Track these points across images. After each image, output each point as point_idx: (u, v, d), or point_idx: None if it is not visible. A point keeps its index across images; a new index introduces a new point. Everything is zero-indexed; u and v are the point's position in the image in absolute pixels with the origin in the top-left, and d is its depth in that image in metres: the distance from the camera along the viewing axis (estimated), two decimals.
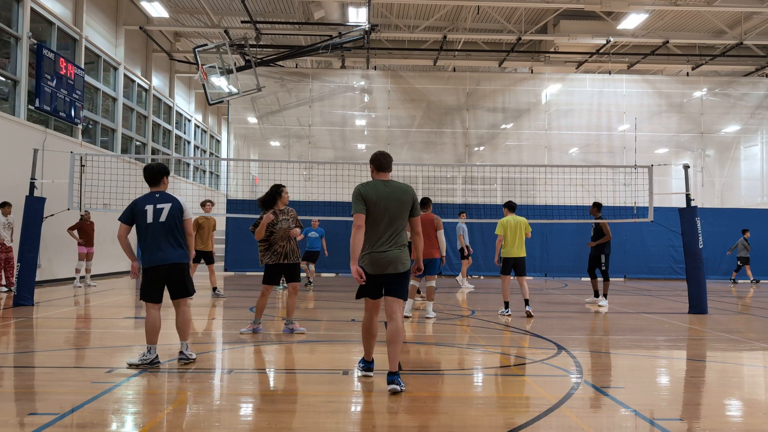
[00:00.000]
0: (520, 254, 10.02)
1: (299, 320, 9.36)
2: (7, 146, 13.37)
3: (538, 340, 7.60)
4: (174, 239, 5.74)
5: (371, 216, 5.00)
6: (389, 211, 5.01)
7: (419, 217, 5.21)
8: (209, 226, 12.15)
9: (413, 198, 5.14)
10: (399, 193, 5.09)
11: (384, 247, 4.99)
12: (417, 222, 5.20)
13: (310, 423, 4.07)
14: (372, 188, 5.07)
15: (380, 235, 5.00)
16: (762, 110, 22.75)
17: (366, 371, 5.33)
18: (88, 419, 4.09)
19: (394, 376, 4.93)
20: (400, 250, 5.03)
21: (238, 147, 22.66)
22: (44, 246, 13.30)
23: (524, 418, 4.25)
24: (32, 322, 8.69)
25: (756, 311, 11.55)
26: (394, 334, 4.99)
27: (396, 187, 5.13)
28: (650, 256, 21.07)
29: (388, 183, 5.16)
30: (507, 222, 10.09)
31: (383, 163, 5.25)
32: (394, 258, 4.98)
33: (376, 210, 4.99)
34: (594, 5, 17.85)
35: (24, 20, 14.16)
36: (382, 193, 5.03)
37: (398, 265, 5.01)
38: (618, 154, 22.06)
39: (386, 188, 5.09)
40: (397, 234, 5.04)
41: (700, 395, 5.20)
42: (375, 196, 5.01)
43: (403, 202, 5.07)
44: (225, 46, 17.81)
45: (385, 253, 4.98)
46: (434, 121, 22.81)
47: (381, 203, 5.00)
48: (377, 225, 5.00)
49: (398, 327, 5.01)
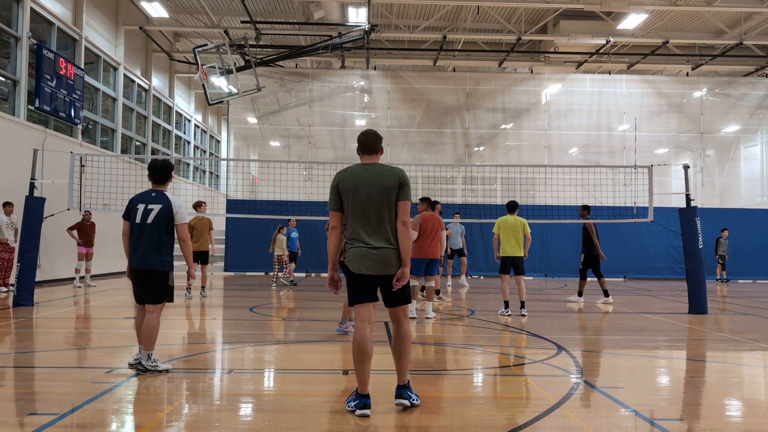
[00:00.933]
0: (517, 254, 10.03)
1: (299, 320, 9.36)
2: (7, 146, 13.37)
3: (538, 340, 7.60)
4: (158, 244, 5.40)
5: (352, 207, 4.30)
6: (372, 200, 4.26)
7: (406, 203, 4.32)
8: (203, 226, 12.21)
9: (400, 180, 4.32)
10: (381, 177, 4.31)
11: (373, 242, 4.26)
12: (401, 208, 4.30)
13: (310, 423, 4.07)
14: (350, 175, 4.36)
15: (366, 228, 4.28)
16: (762, 110, 22.76)
17: (362, 409, 4.21)
18: (88, 419, 4.09)
19: (403, 389, 4.33)
20: (393, 246, 4.30)
21: (238, 147, 22.66)
22: (44, 246, 13.29)
23: (524, 418, 4.25)
24: (32, 322, 8.69)
25: (756, 311, 11.55)
26: (401, 340, 4.37)
27: (379, 170, 4.35)
28: (650, 256, 21.07)
29: (370, 167, 4.38)
30: (504, 221, 10.11)
31: (367, 144, 4.48)
32: (386, 256, 4.26)
33: (357, 199, 4.28)
34: (594, 5, 17.86)
35: (24, 20, 14.16)
36: (361, 179, 4.30)
37: (394, 265, 4.29)
38: (618, 154, 22.06)
39: (367, 172, 4.34)
40: (387, 226, 4.29)
41: (700, 395, 5.20)
42: (353, 184, 4.30)
43: (386, 187, 4.28)
44: (225, 46, 17.81)
45: (375, 249, 4.25)
46: (434, 121, 22.81)
47: (361, 191, 4.27)
48: (361, 216, 4.29)
49: (405, 331, 4.38)
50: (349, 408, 4.29)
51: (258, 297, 12.85)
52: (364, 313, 4.31)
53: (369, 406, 4.23)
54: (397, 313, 4.41)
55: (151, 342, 5.40)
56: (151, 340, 5.39)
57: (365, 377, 4.25)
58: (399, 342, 4.38)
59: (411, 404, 4.31)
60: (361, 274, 4.29)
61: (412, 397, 4.35)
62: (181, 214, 5.53)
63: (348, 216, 4.35)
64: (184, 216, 5.56)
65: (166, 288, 5.53)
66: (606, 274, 21.84)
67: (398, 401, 4.30)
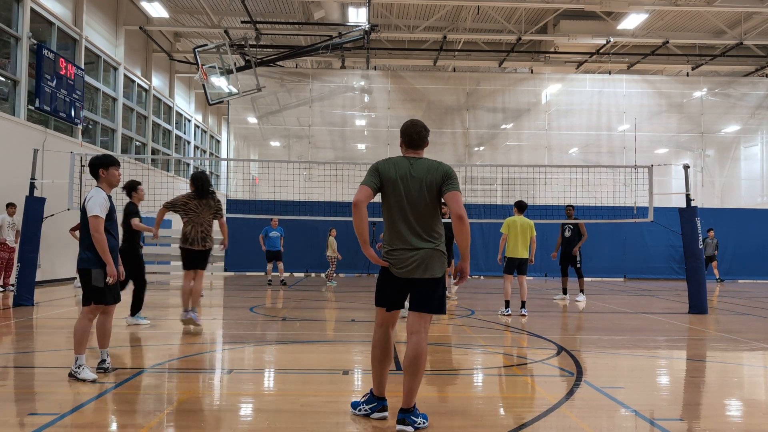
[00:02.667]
0: (524, 255, 10.05)
1: (299, 320, 9.36)
2: (7, 146, 13.38)
3: (538, 340, 7.60)
4: (83, 241, 5.16)
5: (389, 201, 3.92)
6: (412, 195, 3.87)
7: (456, 193, 3.84)
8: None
9: (445, 175, 3.90)
10: (425, 172, 3.90)
11: (410, 242, 3.86)
12: (452, 199, 3.83)
13: (310, 423, 4.07)
14: (392, 165, 3.94)
15: (403, 227, 3.88)
16: (762, 110, 22.77)
17: (380, 411, 4.02)
18: (88, 419, 4.09)
19: (406, 414, 3.83)
20: (433, 246, 3.88)
21: (238, 147, 22.66)
22: (45, 246, 13.28)
23: (524, 418, 4.25)
24: (32, 322, 8.70)
25: (756, 311, 11.55)
26: (417, 358, 3.83)
27: (423, 165, 3.94)
28: (650, 256, 21.06)
29: (415, 161, 3.97)
30: (513, 221, 10.09)
31: (413, 138, 4.01)
32: (424, 258, 3.85)
33: (396, 192, 3.89)
34: (594, 5, 17.87)
35: (24, 20, 14.16)
36: (403, 172, 3.91)
37: (429, 268, 3.86)
38: (618, 154, 22.07)
39: (410, 166, 3.93)
40: (426, 224, 3.89)
41: (700, 395, 5.19)
42: (394, 174, 3.90)
43: (429, 183, 3.87)
44: (225, 46, 17.82)
45: (411, 251, 3.85)
46: (434, 121, 22.79)
47: (401, 184, 3.89)
48: (398, 212, 3.89)
49: (423, 349, 3.84)
50: (361, 411, 4.06)
51: (258, 297, 12.85)
52: (387, 318, 4.02)
53: (387, 408, 4.02)
54: (419, 322, 3.91)
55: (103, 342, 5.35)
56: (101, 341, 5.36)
57: (383, 379, 4.00)
58: (414, 360, 3.84)
59: (416, 429, 3.81)
60: (392, 276, 3.92)
61: (417, 422, 3.84)
62: (91, 206, 5.09)
63: (385, 213, 3.97)
64: (94, 208, 5.08)
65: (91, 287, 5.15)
66: (606, 274, 21.72)
67: (400, 428, 3.77)
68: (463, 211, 3.80)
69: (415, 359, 3.82)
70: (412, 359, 3.83)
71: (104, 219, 5.13)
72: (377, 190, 3.93)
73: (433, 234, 3.90)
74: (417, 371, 3.82)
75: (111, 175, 5.31)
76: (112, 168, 5.31)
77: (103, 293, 5.15)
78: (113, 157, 5.45)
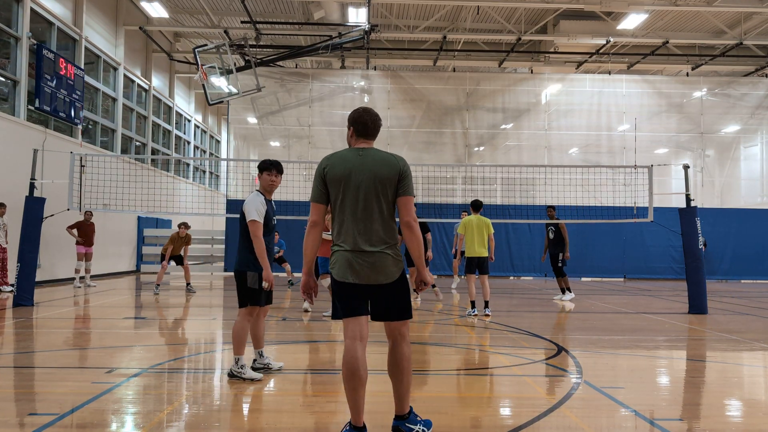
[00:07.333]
0: (482, 254, 10.00)
1: (299, 320, 9.36)
2: (7, 146, 13.38)
3: (538, 340, 7.60)
4: (239, 243, 5.59)
5: (341, 201, 3.55)
6: (363, 191, 3.51)
7: (408, 198, 3.55)
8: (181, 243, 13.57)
9: (400, 171, 3.55)
10: (377, 165, 3.54)
11: (364, 245, 3.51)
12: (404, 204, 3.54)
13: (310, 423, 4.07)
14: (339, 160, 3.58)
15: (356, 227, 3.52)
16: (762, 110, 22.77)
17: None
18: (88, 419, 4.09)
19: (400, 421, 3.63)
20: (387, 250, 3.55)
21: (238, 147, 22.66)
22: (44, 246, 13.30)
23: (524, 418, 4.25)
24: (32, 322, 8.69)
25: (756, 311, 11.55)
26: (398, 362, 3.60)
27: (375, 157, 3.58)
28: (650, 256, 21.07)
29: (365, 152, 3.60)
30: (469, 221, 10.10)
31: (368, 126, 3.66)
32: (380, 261, 3.51)
33: (347, 190, 3.53)
34: (594, 5, 17.87)
35: (24, 20, 14.16)
36: (352, 166, 3.54)
37: (389, 272, 3.55)
38: (618, 154, 22.07)
39: (360, 158, 3.57)
40: (382, 224, 3.54)
41: (700, 395, 5.19)
42: (341, 171, 3.54)
43: (383, 178, 3.52)
44: (225, 47, 17.82)
45: (366, 254, 3.50)
46: (434, 122, 22.82)
47: (352, 180, 3.52)
48: (350, 212, 3.53)
49: (401, 351, 3.60)
50: None
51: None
52: (354, 329, 3.52)
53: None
54: (393, 329, 3.62)
55: (236, 346, 5.29)
56: (234, 344, 5.31)
57: (359, 406, 3.48)
58: (396, 364, 3.61)
59: None
60: (347, 283, 3.53)
61: (414, 429, 3.61)
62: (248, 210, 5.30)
63: (335, 212, 3.61)
64: (250, 212, 5.29)
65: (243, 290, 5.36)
66: (606, 274, 21.73)
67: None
68: (412, 218, 3.54)
69: (396, 363, 3.61)
70: (392, 364, 3.63)
71: (263, 223, 5.27)
72: (328, 200, 3.63)
73: (384, 235, 3.55)
74: (402, 375, 3.59)
75: (263, 179, 5.44)
76: (264, 173, 5.44)
77: (258, 295, 5.34)
78: (267, 162, 5.47)
